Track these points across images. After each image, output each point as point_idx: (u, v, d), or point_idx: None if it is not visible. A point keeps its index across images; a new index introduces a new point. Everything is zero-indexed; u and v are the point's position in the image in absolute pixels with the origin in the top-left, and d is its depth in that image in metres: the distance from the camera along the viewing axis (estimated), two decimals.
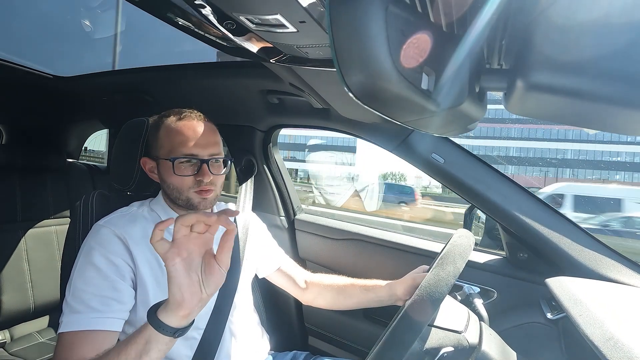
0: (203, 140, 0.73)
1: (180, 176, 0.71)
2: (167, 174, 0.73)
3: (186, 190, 0.73)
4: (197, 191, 0.73)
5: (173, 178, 0.72)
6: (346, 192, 7.51)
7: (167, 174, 0.73)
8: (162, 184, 0.76)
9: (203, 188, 0.73)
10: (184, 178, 0.72)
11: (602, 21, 0.28)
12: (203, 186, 0.72)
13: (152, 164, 0.77)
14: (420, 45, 0.36)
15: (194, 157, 0.72)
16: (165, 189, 0.75)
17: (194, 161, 0.72)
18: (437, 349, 0.57)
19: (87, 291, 0.63)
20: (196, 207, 0.74)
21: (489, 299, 0.93)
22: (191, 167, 0.73)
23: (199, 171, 0.72)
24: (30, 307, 1.33)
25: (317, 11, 0.48)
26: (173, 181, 0.72)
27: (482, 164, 0.94)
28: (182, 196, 0.73)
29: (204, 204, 0.74)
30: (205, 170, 0.72)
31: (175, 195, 0.74)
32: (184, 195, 0.73)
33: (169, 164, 0.72)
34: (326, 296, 0.96)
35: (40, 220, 1.42)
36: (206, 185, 0.72)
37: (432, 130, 0.54)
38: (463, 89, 0.42)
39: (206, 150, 0.73)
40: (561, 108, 0.36)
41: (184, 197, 0.73)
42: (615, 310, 0.64)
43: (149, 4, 0.60)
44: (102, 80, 1.39)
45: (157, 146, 0.75)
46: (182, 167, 0.72)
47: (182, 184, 0.72)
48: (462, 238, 0.65)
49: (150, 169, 0.77)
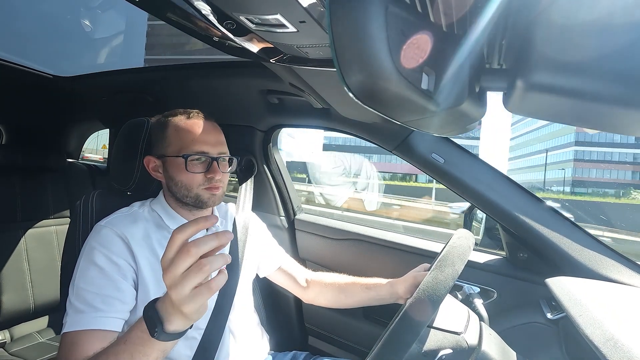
0: (213, 138, 0.75)
1: (192, 173, 0.73)
2: (176, 172, 0.74)
3: (196, 187, 0.74)
4: (206, 188, 0.74)
5: (183, 175, 0.73)
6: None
7: (177, 171, 0.74)
8: (168, 182, 0.76)
9: (213, 185, 0.74)
10: (194, 175, 0.73)
11: (602, 21, 0.28)
12: (213, 183, 0.74)
13: (157, 162, 0.77)
14: (421, 45, 0.36)
15: (205, 155, 0.74)
16: (172, 187, 0.75)
17: (203, 159, 0.74)
18: (436, 351, 0.57)
19: (90, 291, 0.64)
20: (205, 204, 0.75)
21: (489, 299, 0.93)
22: (201, 165, 0.74)
23: (209, 169, 0.74)
24: (30, 307, 1.33)
25: (317, 11, 0.48)
26: (183, 178, 0.73)
27: (482, 164, 0.94)
28: (191, 193, 0.74)
29: (213, 200, 0.76)
30: (215, 168, 0.74)
31: (184, 193, 0.74)
32: (193, 192, 0.74)
33: (178, 162, 0.73)
34: (327, 295, 0.96)
35: (40, 220, 1.42)
36: (216, 182, 0.74)
37: (432, 130, 0.54)
38: (463, 89, 0.42)
39: (215, 148, 0.75)
40: (561, 108, 0.36)
41: (193, 194, 0.74)
42: (615, 310, 0.64)
43: (149, 4, 0.60)
44: (102, 80, 1.39)
45: (164, 144, 0.76)
46: (193, 165, 0.73)
47: (192, 181, 0.73)
48: (461, 239, 0.65)
49: (154, 167, 0.77)
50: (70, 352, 0.60)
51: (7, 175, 1.37)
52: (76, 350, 0.60)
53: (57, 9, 4.49)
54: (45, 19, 4.44)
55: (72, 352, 0.60)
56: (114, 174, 0.83)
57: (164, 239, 0.74)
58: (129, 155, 0.79)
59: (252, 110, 1.20)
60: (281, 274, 0.99)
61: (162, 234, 0.75)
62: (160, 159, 0.76)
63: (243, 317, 0.84)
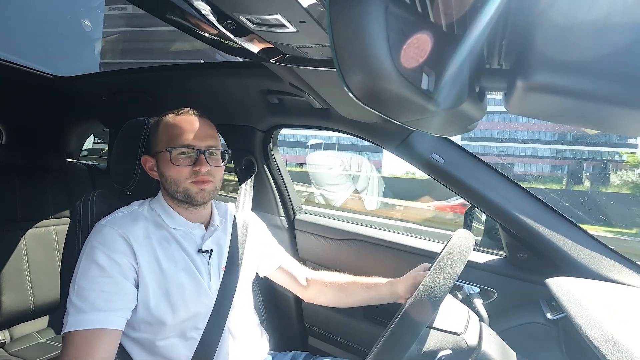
0: (200, 132, 0.75)
1: (178, 166, 0.73)
2: (165, 167, 0.74)
3: (183, 181, 0.74)
4: (194, 182, 0.74)
5: (171, 169, 0.73)
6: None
7: (165, 166, 0.74)
8: (161, 180, 0.77)
9: (200, 179, 0.74)
10: (181, 168, 0.73)
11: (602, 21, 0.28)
12: (200, 176, 0.74)
13: (152, 161, 0.78)
14: (421, 45, 0.36)
15: (191, 147, 0.74)
16: (164, 184, 0.76)
17: (191, 153, 0.74)
18: (436, 352, 0.57)
19: (91, 290, 0.64)
20: (194, 199, 0.75)
21: (489, 299, 0.93)
22: (188, 158, 0.74)
23: (196, 162, 0.74)
24: (30, 307, 1.33)
25: (317, 11, 0.48)
26: (171, 173, 0.74)
27: (482, 164, 0.94)
28: (180, 188, 0.74)
29: (202, 195, 0.75)
30: (202, 160, 0.74)
31: (174, 188, 0.74)
32: (181, 186, 0.74)
33: (166, 156, 0.73)
34: (327, 294, 0.96)
35: (40, 220, 1.42)
36: (204, 175, 0.74)
37: (432, 130, 0.54)
38: (463, 89, 0.42)
39: (203, 142, 0.75)
40: (561, 108, 0.36)
41: (182, 188, 0.74)
42: (615, 310, 0.64)
43: (149, 3, 0.60)
44: (102, 80, 1.39)
45: (155, 142, 0.77)
46: (179, 158, 0.73)
47: (179, 175, 0.73)
48: (461, 240, 0.65)
49: (150, 166, 0.78)
50: (74, 352, 0.60)
51: (7, 175, 1.37)
52: (80, 350, 0.60)
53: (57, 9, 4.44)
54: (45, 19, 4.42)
55: (77, 352, 0.60)
56: (114, 174, 0.83)
57: (163, 238, 0.75)
58: (128, 155, 0.79)
59: (252, 110, 1.20)
60: (281, 273, 1.00)
61: (161, 233, 0.75)
62: (154, 157, 0.78)
63: (243, 317, 0.84)
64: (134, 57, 33.52)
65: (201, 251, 0.78)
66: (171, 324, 0.71)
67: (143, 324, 0.70)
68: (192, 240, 0.78)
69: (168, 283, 0.71)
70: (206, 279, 0.76)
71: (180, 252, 0.75)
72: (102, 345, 0.61)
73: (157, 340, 0.71)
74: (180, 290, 0.72)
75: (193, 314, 0.73)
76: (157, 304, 0.69)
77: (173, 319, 0.71)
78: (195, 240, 0.79)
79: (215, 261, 0.80)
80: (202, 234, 0.80)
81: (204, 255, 0.78)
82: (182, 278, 0.73)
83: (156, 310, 0.69)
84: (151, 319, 0.70)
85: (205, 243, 0.79)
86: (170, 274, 0.71)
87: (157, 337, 0.71)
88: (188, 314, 0.72)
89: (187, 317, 0.72)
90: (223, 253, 0.82)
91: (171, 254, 0.74)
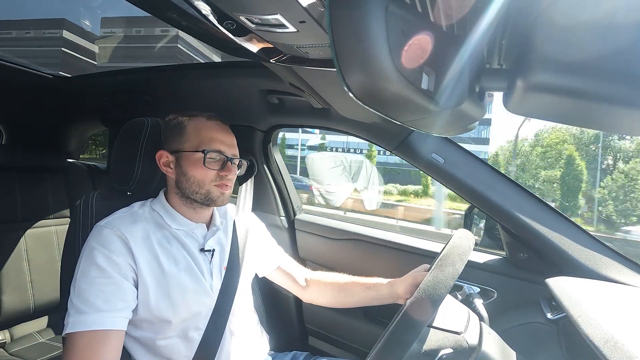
0: (229, 140, 0.79)
1: (208, 169, 0.75)
2: (190, 166, 0.75)
3: (208, 183, 0.76)
4: (217, 184, 0.76)
5: (198, 170, 0.75)
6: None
7: (192, 166, 0.75)
8: (179, 178, 0.77)
9: (224, 182, 0.77)
10: (209, 171, 0.75)
11: (603, 21, 0.28)
12: (224, 181, 0.77)
13: (170, 158, 0.78)
14: (421, 45, 0.36)
15: (222, 154, 0.77)
16: (183, 183, 0.76)
17: (219, 157, 0.77)
18: (436, 351, 0.57)
19: (91, 291, 0.64)
20: (214, 202, 0.77)
21: (489, 299, 0.93)
22: (216, 163, 0.77)
23: (223, 167, 0.77)
24: (30, 307, 1.33)
25: (317, 11, 0.48)
26: (196, 173, 0.75)
27: (482, 164, 0.94)
28: (203, 189, 0.75)
29: (222, 199, 0.78)
30: (229, 167, 0.77)
31: (195, 188, 0.75)
32: (204, 188, 0.75)
33: (196, 156, 0.75)
34: (327, 294, 0.96)
35: (40, 220, 1.42)
36: (227, 180, 0.77)
37: (432, 130, 0.54)
38: (463, 89, 0.42)
39: (230, 150, 0.79)
40: (561, 108, 0.36)
41: (205, 190, 0.76)
42: (615, 310, 0.64)
43: (149, 3, 0.60)
44: (102, 80, 1.39)
45: (181, 140, 0.77)
46: (210, 161, 0.75)
47: (205, 177, 0.75)
48: (461, 239, 0.65)
49: (166, 162, 0.78)
50: (76, 353, 0.60)
51: (7, 175, 1.37)
52: (82, 351, 0.60)
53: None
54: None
55: (79, 353, 0.60)
56: (114, 174, 0.83)
57: (164, 238, 0.74)
58: (128, 155, 0.79)
59: (252, 110, 1.20)
60: (280, 274, 1.00)
61: (162, 233, 0.75)
62: (174, 154, 0.77)
63: (243, 317, 0.84)
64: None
65: (204, 250, 0.78)
66: (173, 322, 0.71)
67: (145, 323, 0.71)
68: (194, 239, 0.78)
69: (169, 283, 0.71)
70: (208, 278, 0.77)
71: (182, 252, 0.75)
72: (106, 347, 0.61)
73: (158, 340, 0.71)
74: (181, 290, 0.72)
75: (194, 313, 0.73)
76: (157, 303, 0.69)
77: (174, 318, 0.71)
78: (197, 239, 0.79)
79: (217, 261, 0.80)
80: (204, 234, 0.81)
81: (207, 254, 0.79)
82: (184, 278, 0.73)
83: (157, 310, 0.69)
84: (152, 318, 0.70)
85: (207, 242, 0.79)
86: (171, 274, 0.71)
87: (158, 337, 0.71)
88: (189, 314, 0.73)
89: (187, 316, 0.73)
90: (224, 253, 0.82)
91: (172, 254, 0.74)
